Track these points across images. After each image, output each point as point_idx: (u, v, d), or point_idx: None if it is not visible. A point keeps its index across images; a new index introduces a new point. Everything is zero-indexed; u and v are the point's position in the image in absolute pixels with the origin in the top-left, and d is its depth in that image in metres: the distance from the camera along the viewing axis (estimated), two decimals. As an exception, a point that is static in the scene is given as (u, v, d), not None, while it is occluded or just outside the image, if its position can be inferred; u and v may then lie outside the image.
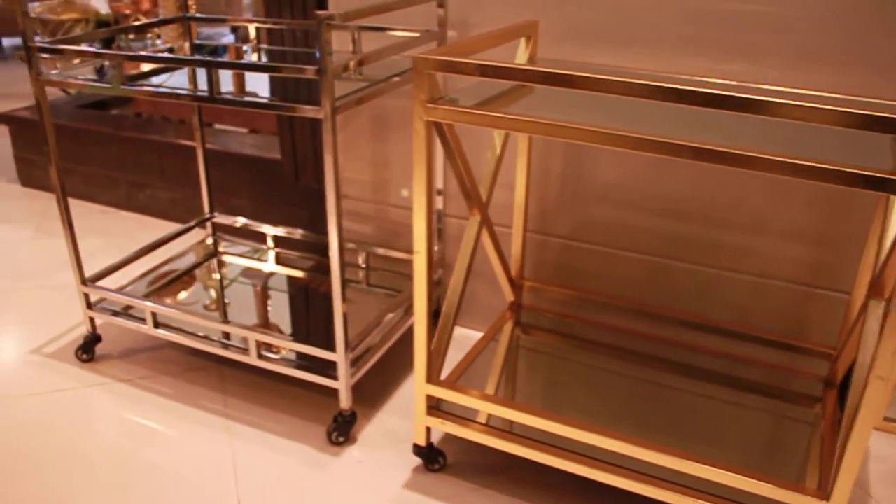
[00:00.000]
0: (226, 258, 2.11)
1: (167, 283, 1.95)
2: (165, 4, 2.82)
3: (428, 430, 1.48)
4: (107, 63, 1.75)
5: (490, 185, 1.53)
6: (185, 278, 1.99)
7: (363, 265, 2.05)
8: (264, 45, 1.98)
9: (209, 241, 2.20)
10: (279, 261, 2.10)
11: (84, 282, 1.80)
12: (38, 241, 2.55)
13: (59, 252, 2.46)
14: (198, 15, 1.98)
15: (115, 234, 2.60)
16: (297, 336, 1.72)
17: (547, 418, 1.32)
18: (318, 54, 1.24)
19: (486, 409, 1.39)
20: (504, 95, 1.33)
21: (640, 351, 1.69)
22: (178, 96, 1.42)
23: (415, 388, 1.45)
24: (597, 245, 1.77)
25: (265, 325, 1.77)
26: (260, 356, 1.62)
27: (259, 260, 2.09)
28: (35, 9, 3.36)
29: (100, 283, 1.84)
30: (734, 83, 1.40)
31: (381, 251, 2.01)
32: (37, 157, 2.93)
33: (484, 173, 1.55)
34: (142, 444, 1.60)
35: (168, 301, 1.86)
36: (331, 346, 1.52)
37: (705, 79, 1.45)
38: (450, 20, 1.73)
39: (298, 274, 2.03)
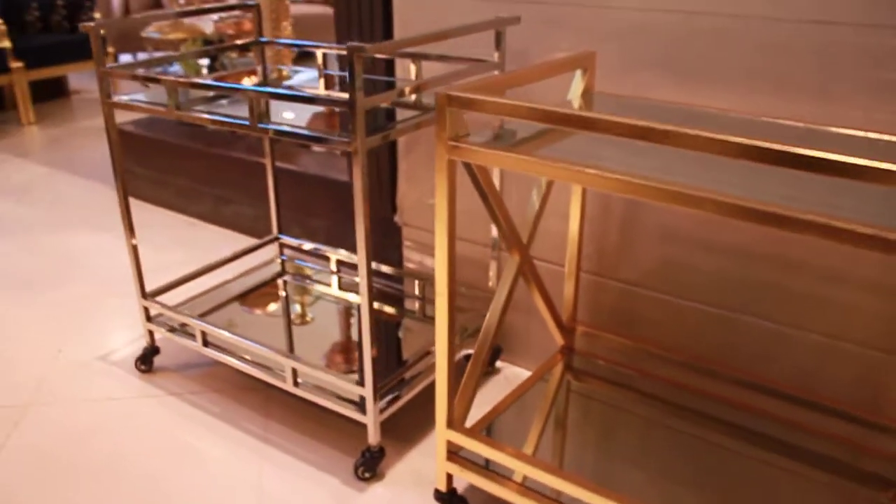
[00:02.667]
0: (287, 279, 2.13)
1: (225, 303, 1.99)
2: (265, 26, 2.91)
3: (449, 476, 1.42)
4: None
5: (533, 225, 1.46)
6: (244, 298, 2.02)
7: (419, 296, 2.01)
8: (335, 72, 1.99)
9: (276, 261, 2.23)
10: (340, 286, 2.10)
11: (144, 295, 1.86)
12: (125, 249, 2.67)
13: (143, 263, 2.56)
14: (267, 39, 2.02)
15: (198, 246, 2.69)
16: (337, 366, 1.70)
17: (579, 484, 1.23)
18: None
19: (505, 461, 1.32)
20: (553, 131, 1.26)
21: (695, 408, 1.56)
22: (221, 123, 1.44)
23: (436, 433, 1.40)
24: (657, 292, 1.66)
25: (310, 351, 1.77)
26: (295, 383, 1.62)
27: (320, 283, 2.10)
28: (146, 29, 3.56)
29: (161, 298, 1.90)
30: (802, 125, 1.28)
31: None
32: (138, 169, 3.09)
33: (528, 212, 1.48)
34: (177, 461, 1.62)
35: (220, 320, 1.89)
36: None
37: (774, 119, 1.32)
38: (512, 49, 1.68)
39: (356, 300, 2.02)
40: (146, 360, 1.92)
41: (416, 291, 2.02)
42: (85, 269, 2.54)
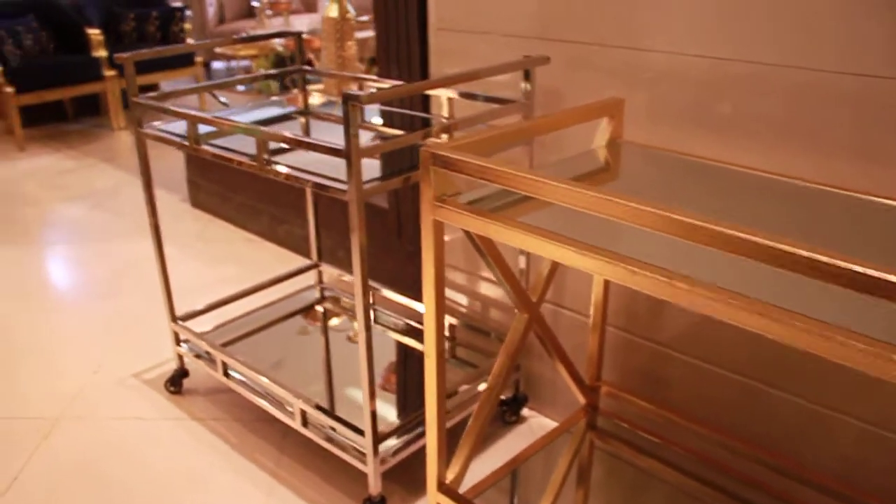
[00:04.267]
0: (319, 309, 2.12)
1: (254, 331, 1.99)
2: (327, 47, 2.92)
3: (440, 540, 1.36)
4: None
5: (546, 281, 1.38)
6: (273, 327, 2.01)
7: (448, 336, 1.96)
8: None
9: (314, 290, 2.22)
10: (376, 320, 2.07)
11: (174, 319, 1.88)
12: (183, 262, 2.74)
13: (197, 277, 2.62)
14: (308, 68, 2.01)
15: (250, 263, 2.73)
16: (348, 409, 1.67)
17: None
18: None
19: (491, 535, 1.24)
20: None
21: (722, 486, 1.44)
22: (230, 160, 1.43)
23: (428, 494, 1.34)
24: (687, 355, 1.54)
25: (327, 390, 1.74)
26: (304, 423, 1.59)
27: (352, 318, 2.08)
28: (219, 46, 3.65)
29: (196, 320, 1.92)
30: (842, 191, 1.15)
31: (464, 323, 1.91)
32: (203, 182, 3.16)
33: (541, 267, 1.40)
34: (185, 487, 1.63)
35: (246, 349, 1.89)
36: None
37: (808, 183, 1.20)
38: (542, 89, 1.60)
39: (384, 337, 1.98)
40: (175, 383, 1.95)
41: (446, 333, 1.96)
42: (139, 281, 2.60)
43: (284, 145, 1.42)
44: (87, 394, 1.98)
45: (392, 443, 1.52)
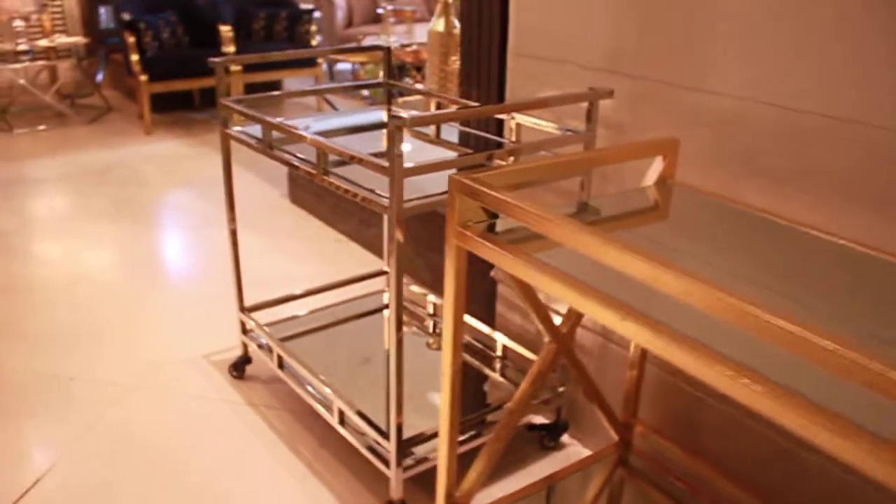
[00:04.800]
0: (383, 315, 2.19)
1: (317, 328, 2.08)
2: (432, 60, 3.01)
3: (446, 553, 1.39)
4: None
5: (577, 313, 1.39)
6: (334, 328, 2.10)
7: (499, 355, 1.98)
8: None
9: (382, 295, 2.30)
10: (434, 330, 2.12)
11: (242, 309, 2.01)
12: (269, 255, 2.89)
13: (279, 271, 2.76)
14: (394, 83, 2.09)
15: (335, 262, 2.85)
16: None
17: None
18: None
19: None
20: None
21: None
22: (292, 164, 1.53)
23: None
24: (726, 404, 1.50)
25: (372, 393, 1.80)
26: (342, 422, 1.66)
27: (414, 327, 2.14)
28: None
29: (264, 312, 2.04)
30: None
31: (513, 345, 1.93)
32: (302, 180, 3.32)
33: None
34: (228, 467, 1.73)
35: (305, 345, 1.99)
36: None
37: (868, 250, 1.15)
38: (607, 122, 1.61)
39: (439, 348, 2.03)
40: (238, 368, 2.07)
41: (498, 351, 1.99)
42: (229, 269, 2.76)
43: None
44: (161, 368, 2.13)
45: (419, 450, 1.57)
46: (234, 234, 1.94)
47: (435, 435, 1.60)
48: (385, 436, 1.54)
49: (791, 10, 1.26)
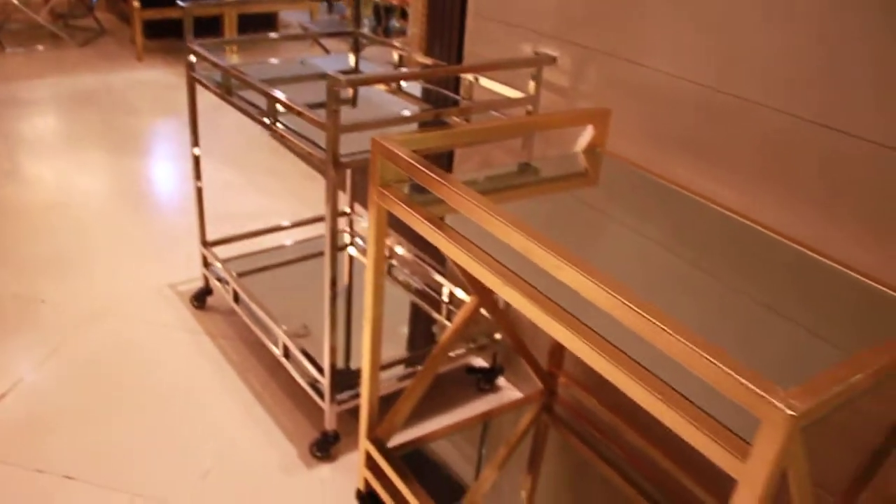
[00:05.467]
0: (343, 254, 2.28)
1: (275, 265, 2.18)
2: (415, 4, 3.03)
3: (367, 479, 1.52)
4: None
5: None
6: (293, 265, 2.20)
7: (446, 300, 2.09)
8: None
9: (345, 237, 2.39)
10: (389, 272, 2.22)
11: (204, 243, 2.10)
12: (243, 191, 2.97)
13: (250, 206, 2.85)
14: (365, 32, 2.13)
15: (306, 199, 2.93)
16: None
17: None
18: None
19: (400, 487, 1.39)
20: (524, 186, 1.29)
21: (646, 491, 1.53)
22: (243, 111, 1.60)
23: (360, 440, 1.50)
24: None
25: (318, 329, 1.91)
26: (286, 355, 1.78)
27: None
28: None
29: (226, 247, 2.14)
30: (799, 248, 1.19)
31: (458, 291, 2.03)
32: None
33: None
34: (179, 393, 1.86)
35: (261, 281, 2.09)
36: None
37: (768, 232, 1.24)
38: (554, 85, 1.67)
39: (395, 292, 2.13)
40: (199, 299, 2.18)
41: (445, 297, 2.09)
42: (209, 202, 2.85)
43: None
44: (128, 295, 2.24)
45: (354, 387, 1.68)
46: (197, 168, 2.02)
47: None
48: (322, 371, 1.65)
49: (715, -6, 1.31)
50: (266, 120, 1.56)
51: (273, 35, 2.04)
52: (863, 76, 1.13)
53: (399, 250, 2.26)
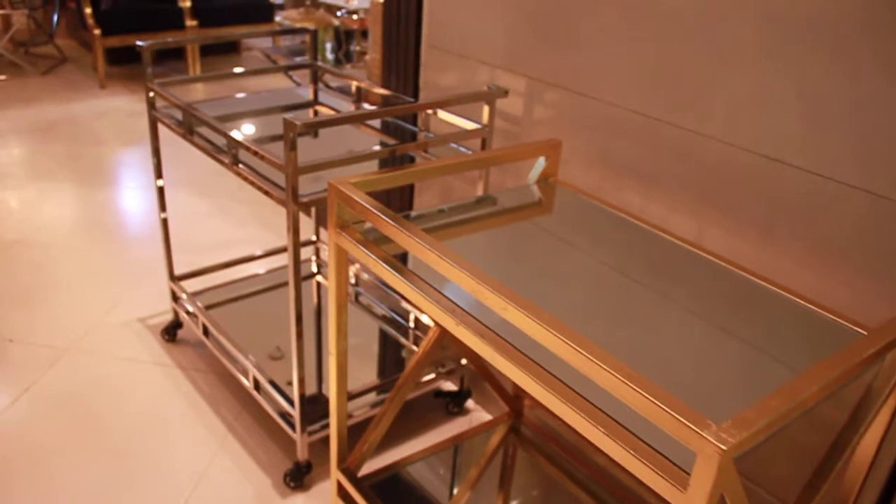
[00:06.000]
0: (310, 283, 2.32)
1: (243, 296, 2.21)
2: (374, 29, 3.07)
3: (340, 510, 1.55)
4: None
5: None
6: (261, 295, 2.23)
7: (412, 326, 2.12)
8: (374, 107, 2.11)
9: (311, 263, 2.42)
10: (356, 299, 2.26)
11: (172, 277, 2.12)
12: (211, 219, 2.99)
13: (218, 235, 2.87)
14: (323, 65, 2.17)
15: (273, 227, 2.95)
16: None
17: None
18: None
19: (370, 515, 1.43)
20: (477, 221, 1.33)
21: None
22: (207, 151, 1.63)
23: (331, 470, 1.53)
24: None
25: (288, 360, 1.94)
26: (256, 387, 1.80)
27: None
28: (281, 17, 3.85)
29: (195, 280, 2.16)
30: (741, 273, 1.24)
31: (423, 317, 2.07)
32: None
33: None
34: (153, 427, 1.87)
35: (228, 313, 2.11)
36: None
37: (710, 257, 1.30)
38: (507, 115, 1.72)
39: (366, 317, 2.16)
40: (170, 332, 2.20)
41: (412, 323, 2.13)
42: (175, 232, 2.86)
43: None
44: (97, 331, 2.25)
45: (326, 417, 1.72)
46: (162, 202, 2.04)
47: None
48: (292, 403, 1.68)
49: (652, 29, 1.37)
50: (226, 160, 1.59)
51: (237, 70, 2.06)
52: (794, 108, 1.19)
53: (366, 276, 2.30)
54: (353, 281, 2.33)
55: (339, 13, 3.52)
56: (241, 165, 1.58)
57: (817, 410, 1.27)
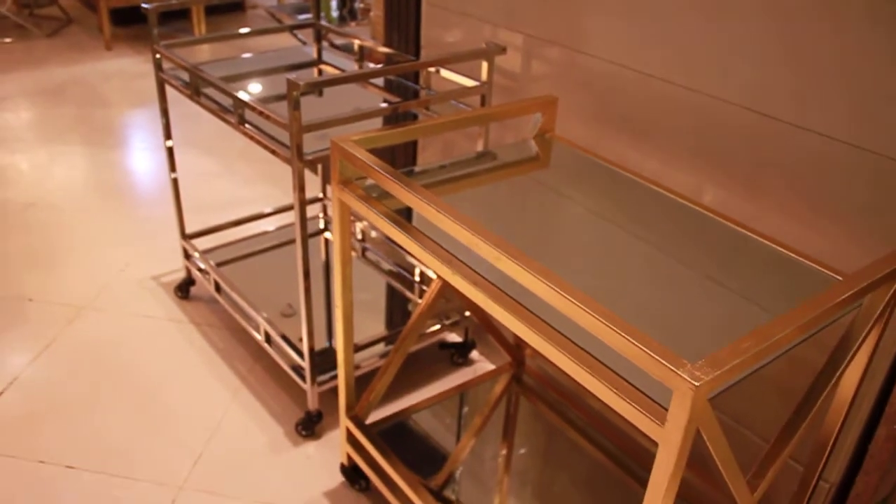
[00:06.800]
0: (318, 240, 2.37)
1: (254, 253, 2.27)
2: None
3: (349, 454, 1.63)
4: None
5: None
6: (271, 252, 2.29)
7: (418, 280, 2.18)
8: (376, 65, 2.14)
9: (318, 220, 2.47)
10: (363, 254, 2.31)
11: (183, 236, 2.18)
12: (220, 178, 3.04)
13: (235, 191, 2.92)
14: (326, 24, 2.20)
15: (283, 184, 3.00)
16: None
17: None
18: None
19: (381, 462, 1.50)
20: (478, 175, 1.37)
21: (612, 453, 1.65)
22: (211, 109, 1.67)
23: (340, 417, 1.60)
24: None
25: (298, 314, 2.01)
26: (267, 340, 1.87)
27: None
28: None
29: (209, 237, 2.23)
30: (728, 224, 1.29)
31: (428, 271, 2.13)
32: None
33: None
34: (167, 380, 1.95)
35: (239, 269, 2.17)
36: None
37: (699, 208, 1.34)
38: (507, 71, 1.76)
39: (373, 271, 2.23)
40: (183, 289, 2.27)
41: (417, 277, 2.18)
42: (185, 191, 2.92)
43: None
44: (112, 289, 2.32)
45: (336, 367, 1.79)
46: (172, 161, 2.09)
47: (347, 354, 1.82)
48: (302, 356, 1.75)
49: (648, -14, 1.40)
50: (233, 120, 1.64)
51: (242, 30, 2.09)
52: (783, 65, 1.22)
53: (373, 233, 2.35)
54: (359, 237, 2.38)
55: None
56: (247, 125, 1.62)
57: (804, 356, 1.33)
